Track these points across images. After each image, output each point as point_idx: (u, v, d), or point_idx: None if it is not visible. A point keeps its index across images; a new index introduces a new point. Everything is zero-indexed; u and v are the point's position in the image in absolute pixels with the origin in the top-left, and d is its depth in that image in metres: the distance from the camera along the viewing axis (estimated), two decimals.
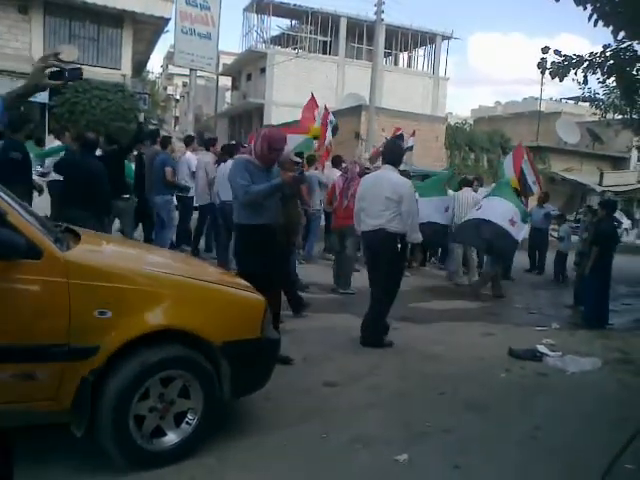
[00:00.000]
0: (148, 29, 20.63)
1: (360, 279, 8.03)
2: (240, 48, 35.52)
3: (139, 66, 26.27)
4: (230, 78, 39.20)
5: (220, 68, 32.64)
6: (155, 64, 61.72)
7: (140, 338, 2.79)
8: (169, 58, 43.16)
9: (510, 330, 6.57)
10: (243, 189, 4.27)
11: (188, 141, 9.69)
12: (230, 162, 6.19)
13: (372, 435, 3.43)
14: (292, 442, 3.32)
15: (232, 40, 40.48)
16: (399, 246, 5.25)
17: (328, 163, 10.37)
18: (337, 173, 8.90)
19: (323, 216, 9.92)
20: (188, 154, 9.25)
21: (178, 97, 56.37)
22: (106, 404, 2.71)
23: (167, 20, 19.78)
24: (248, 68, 34.32)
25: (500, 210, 8.08)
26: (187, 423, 2.99)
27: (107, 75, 18.38)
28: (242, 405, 3.56)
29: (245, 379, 3.23)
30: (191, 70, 21.09)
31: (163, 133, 10.73)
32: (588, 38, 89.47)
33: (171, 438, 2.95)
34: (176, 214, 8.77)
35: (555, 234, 11.81)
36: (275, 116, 29.36)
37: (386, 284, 5.36)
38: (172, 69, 51.10)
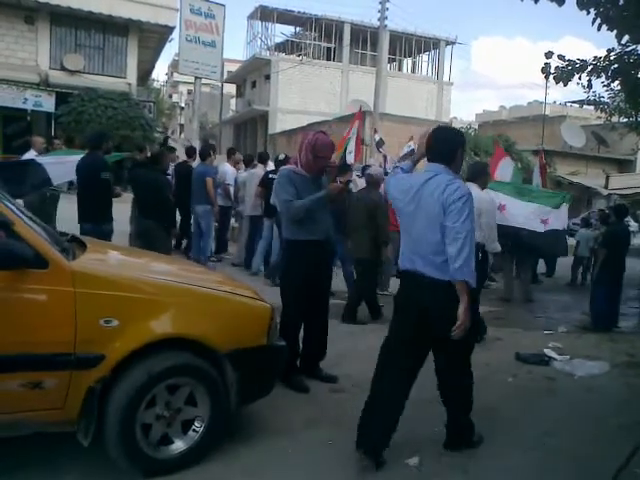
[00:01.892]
0: (153, 38, 20.80)
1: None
2: (244, 55, 35.78)
3: (144, 74, 26.47)
4: (235, 85, 39.37)
5: (225, 75, 32.83)
6: (160, 72, 62.24)
7: (146, 346, 2.79)
8: (174, 66, 43.35)
9: (517, 334, 6.54)
10: (286, 205, 4.03)
11: (229, 153, 9.94)
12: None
13: None
14: (298, 448, 3.31)
15: (236, 47, 41.06)
16: (480, 255, 5.46)
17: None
18: None
19: None
20: (227, 166, 9.35)
21: (183, 105, 56.70)
22: (113, 412, 2.72)
23: (172, 29, 19.94)
24: (252, 75, 34.46)
25: (524, 213, 7.58)
26: (194, 431, 2.99)
27: (113, 84, 18.56)
28: (248, 412, 3.55)
29: (251, 386, 3.23)
30: (196, 78, 21.19)
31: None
32: (592, 41, 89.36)
33: (178, 446, 2.95)
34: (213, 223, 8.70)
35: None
36: (280, 123, 29.47)
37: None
38: (177, 77, 51.44)
